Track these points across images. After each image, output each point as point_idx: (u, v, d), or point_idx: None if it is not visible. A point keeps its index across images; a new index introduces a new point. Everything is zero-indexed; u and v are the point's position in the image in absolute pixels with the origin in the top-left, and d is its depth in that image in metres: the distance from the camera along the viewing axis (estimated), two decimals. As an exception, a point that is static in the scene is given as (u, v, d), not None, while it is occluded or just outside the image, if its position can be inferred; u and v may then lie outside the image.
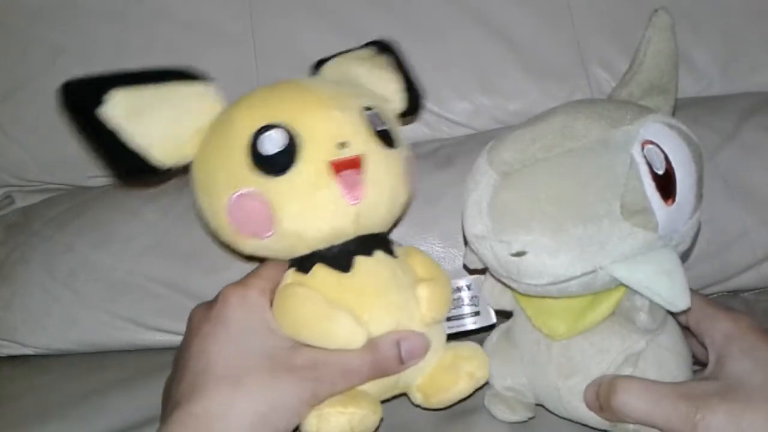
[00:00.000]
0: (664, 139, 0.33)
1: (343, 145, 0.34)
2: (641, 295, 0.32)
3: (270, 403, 0.31)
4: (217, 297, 0.36)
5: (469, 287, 0.41)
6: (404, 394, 0.39)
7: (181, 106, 0.36)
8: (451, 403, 0.38)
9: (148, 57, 0.55)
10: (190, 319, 0.36)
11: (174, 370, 0.36)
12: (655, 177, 0.32)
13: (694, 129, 0.51)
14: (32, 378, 0.49)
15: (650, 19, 0.37)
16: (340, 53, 0.43)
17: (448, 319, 0.40)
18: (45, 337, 0.50)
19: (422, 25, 0.55)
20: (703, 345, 0.34)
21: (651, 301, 0.33)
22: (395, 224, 0.41)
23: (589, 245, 0.31)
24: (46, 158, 0.55)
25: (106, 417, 0.43)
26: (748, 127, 0.51)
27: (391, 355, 0.34)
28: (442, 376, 0.37)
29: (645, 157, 0.32)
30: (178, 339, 0.48)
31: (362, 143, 0.35)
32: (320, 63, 0.43)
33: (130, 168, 0.35)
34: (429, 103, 0.55)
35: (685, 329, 0.36)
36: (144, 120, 0.34)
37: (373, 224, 0.37)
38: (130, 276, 0.50)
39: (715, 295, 0.51)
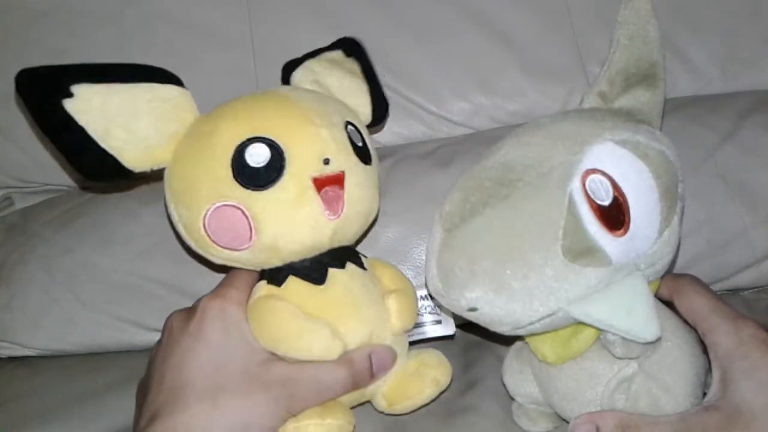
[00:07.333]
0: (612, 163, 0.32)
1: (326, 161, 0.34)
2: None
3: (246, 419, 0.33)
4: (195, 307, 0.36)
5: (431, 296, 0.41)
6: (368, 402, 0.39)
7: (157, 109, 0.35)
8: (415, 409, 0.38)
9: (147, 59, 0.54)
10: (167, 326, 0.36)
11: (149, 375, 0.36)
12: (599, 210, 0.30)
13: (692, 128, 0.52)
14: (32, 379, 0.49)
15: None
16: (310, 55, 0.42)
17: None
18: (44, 339, 0.50)
19: (421, 26, 0.55)
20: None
21: None
22: (364, 236, 0.42)
23: (537, 293, 0.30)
24: (46, 160, 0.55)
25: (106, 418, 0.43)
26: (747, 126, 0.51)
27: (364, 369, 0.35)
28: (408, 383, 0.38)
29: (587, 190, 0.31)
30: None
31: (344, 160, 0.35)
32: (289, 65, 0.42)
33: (98, 170, 0.34)
34: (428, 103, 0.55)
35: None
36: (117, 121, 0.33)
37: (347, 238, 0.37)
38: (130, 277, 0.50)
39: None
